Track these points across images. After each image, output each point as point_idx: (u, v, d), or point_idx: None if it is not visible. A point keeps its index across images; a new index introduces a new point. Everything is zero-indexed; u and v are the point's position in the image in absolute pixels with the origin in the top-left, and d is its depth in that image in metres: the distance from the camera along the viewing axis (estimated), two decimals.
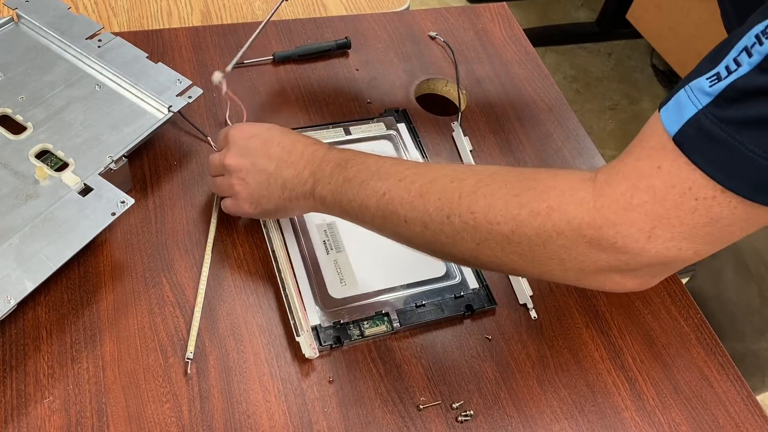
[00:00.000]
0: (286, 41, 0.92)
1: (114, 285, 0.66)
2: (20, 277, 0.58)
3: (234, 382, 0.61)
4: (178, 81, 0.74)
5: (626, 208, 0.46)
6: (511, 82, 0.93)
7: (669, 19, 2.01)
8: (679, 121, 0.44)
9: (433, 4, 2.35)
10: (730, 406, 0.66)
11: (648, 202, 0.45)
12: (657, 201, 0.45)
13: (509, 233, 0.50)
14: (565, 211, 0.48)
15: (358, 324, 0.66)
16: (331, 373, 0.63)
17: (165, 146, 0.77)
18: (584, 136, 0.88)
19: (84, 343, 0.62)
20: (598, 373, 0.67)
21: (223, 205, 0.68)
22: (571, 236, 0.48)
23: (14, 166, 0.66)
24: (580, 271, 0.50)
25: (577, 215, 0.47)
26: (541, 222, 0.49)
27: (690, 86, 0.45)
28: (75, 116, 0.71)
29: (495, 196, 0.51)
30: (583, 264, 0.49)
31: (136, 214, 0.71)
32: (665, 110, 0.46)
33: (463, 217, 0.52)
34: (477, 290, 0.70)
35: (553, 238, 0.49)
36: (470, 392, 0.64)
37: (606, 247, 0.47)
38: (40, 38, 0.77)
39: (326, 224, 0.73)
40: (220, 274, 0.68)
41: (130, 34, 0.87)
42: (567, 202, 0.48)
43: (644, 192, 0.46)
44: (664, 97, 0.47)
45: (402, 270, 0.70)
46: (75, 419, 0.58)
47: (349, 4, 1.05)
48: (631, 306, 0.72)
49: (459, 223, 0.52)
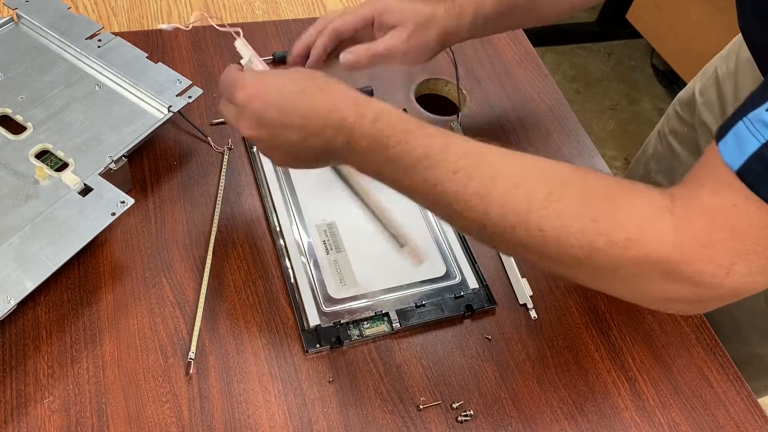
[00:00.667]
0: (286, 41, 0.92)
1: (114, 285, 0.66)
2: (20, 277, 0.58)
3: (234, 382, 0.61)
4: (178, 81, 0.74)
5: (705, 245, 0.45)
6: (511, 82, 0.93)
7: (669, 19, 2.02)
8: (742, 156, 0.44)
9: None
10: (730, 406, 0.66)
11: (727, 239, 0.45)
12: (736, 239, 0.45)
13: (582, 257, 0.48)
14: (644, 245, 0.46)
15: (358, 324, 0.66)
16: (331, 373, 0.63)
17: (165, 146, 0.77)
18: (584, 136, 0.88)
19: (84, 343, 0.62)
20: (598, 373, 0.67)
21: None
22: (647, 268, 0.47)
23: (14, 166, 0.66)
24: (648, 296, 0.49)
25: (655, 249, 0.46)
26: (618, 252, 0.47)
27: (748, 118, 0.44)
28: (75, 116, 0.71)
29: (569, 216, 0.48)
30: (653, 291, 0.48)
31: (136, 214, 0.71)
32: (723, 144, 0.45)
33: (531, 231, 0.49)
34: (477, 290, 0.70)
35: (627, 266, 0.47)
36: (470, 392, 0.64)
37: (682, 280, 0.47)
38: (40, 38, 0.77)
39: (326, 224, 0.73)
40: (220, 274, 0.68)
41: (130, 34, 0.88)
42: (646, 236, 0.47)
43: (722, 230, 0.45)
44: (663, 95, 0.47)
45: (402, 270, 0.70)
46: (75, 419, 0.58)
47: (349, 4, 1.05)
48: (631, 306, 0.72)
49: (525, 236, 0.49)
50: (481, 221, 0.50)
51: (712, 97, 0.83)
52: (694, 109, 0.86)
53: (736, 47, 0.81)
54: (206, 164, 0.77)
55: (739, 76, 0.79)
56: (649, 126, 2.13)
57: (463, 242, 0.74)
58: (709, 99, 0.84)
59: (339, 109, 0.53)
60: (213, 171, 0.76)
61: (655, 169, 0.95)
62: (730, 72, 0.81)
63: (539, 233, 0.48)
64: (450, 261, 0.72)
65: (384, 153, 0.52)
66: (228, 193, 0.74)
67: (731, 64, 0.81)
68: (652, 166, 0.95)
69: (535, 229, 0.48)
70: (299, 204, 0.74)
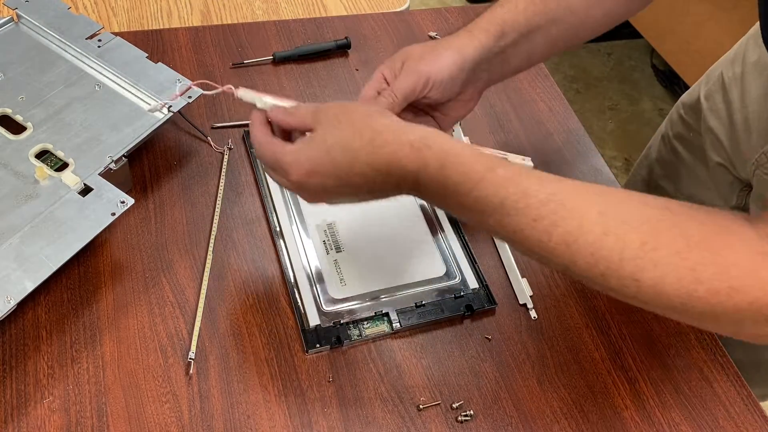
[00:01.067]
0: (286, 41, 0.92)
1: (114, 285, 0.66)
2: (20, 277, 0.58)
3: (234, 382, 0.61)
4: (178, 81, 0.74)
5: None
6: (511, 82, 0.93)
7: (669, 19, 2.01)
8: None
9: (433, 4, 2.35)
10: (730, 406, 0.66)
11: None
12: None
13: (679, 305, 0.47)
14: (748, 293, 0.46)
15: (358, 324, 0.66)
16: (331, 373, 0.63)
17: (165, 146, 0.77)
18: (584, 136, 0.88)
19: (84, 343, 0.62)
20: (598, 373, 0.67)
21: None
22: (750, 314, 0.46)
23: (14, 166, 0.66)
24: (748, 335, 0.49)
25: (760, 297, 0.46)
26: (721, 301, 0.46)
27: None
28: (75, 116, 0.71)
29: (666, 266, 0.46)
30: (754, 331, 0.48)
31: (136, 214, 0.71)
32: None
33: (624, 281, 0.47)
34: (477, 290, 0.70)
35: (729, 313, 0.47)
36: (470, 392, 0.64)
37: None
38: (40, 38, 0.77)
39: (326, 224, 0.73)
40: (220, 274, 0.68)
41: (130, 34, 0.88)
42: (751, 285, 0.46)
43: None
44: (663, 95, 0.47)
45: (402, 270, 0.70)
46: (75, 419, 0.58)
47: (349, 4, 1.05)
48: (630, 306, 0.72)
49: (617, 284, 0.48)
50: (567, 267, 0.49)
51: (718, 102, 0.82)
52: (699, 114, 0.85)
53: (742, 51, 0.80)
54: (206, 164, 0.77)
55: (746, 81, 0.77)
56: (649, 126, 2.13)
57: (463, 242, 0.74)
58: (715, 104, 0.82)
59: (398, 160, 0.51)
60: (213, 171, 0.76)
61: (659, 173, 0.94)
62: (736, 76, 0.79)
63: (634, 282, 0.47)
64: (450, 261, 0.72)
65: (456, 199, 0.50)
66: (228, 193, 0.74)
67: (737, 68, 0.79)
68: (657, 170, 0.95)
69: (629, 278, 0.47)
70: (299, 204, 0.74)
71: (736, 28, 0.67)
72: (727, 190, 0.82)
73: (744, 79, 0.78)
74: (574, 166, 0.85)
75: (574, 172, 0.84)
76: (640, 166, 1.00)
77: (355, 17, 0.98)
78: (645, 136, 2.17)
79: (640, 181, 0.98)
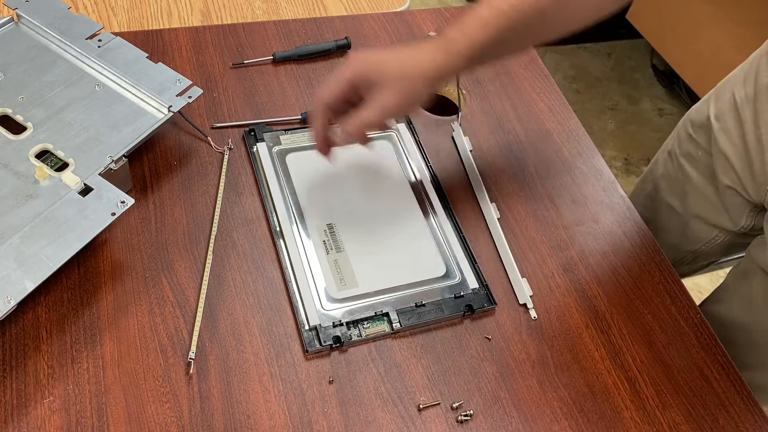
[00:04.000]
0: (286, 41, 0.92)
1: (114, 285, 0.66)
2: (20, 277, 0.58)
3: (234, 382, 0.61)
4: (178, 81, 0.74)
5: None
6: (511, 82, 0.93)
7: (669, 19, 2.02)
8: None
9: (433, 4, 2.35)
10: (730, 406, 0.66)
11: None
12: None
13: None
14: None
15: (358, 324, 0.66)
16: (331, 373, 0.63)
17: (165, 146, 0.78)
18: (584, 136, 0.88)
19: (84, 343, 0.62)
20: (598, 373, 0.67)
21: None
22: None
23: (14, 166, 0.66)
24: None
25: None
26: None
27: None
28: (75, 116, 0.71)
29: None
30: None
31: (136, 214, 0.71)
32: None
33: None
34: (477, 290, 0.70)
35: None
36: (470, 392, 0.64)
37: None
38: (40, 38, 0.77)
39: (326, 224, 0.73)
40: (220, 274, 0.68)
41: (130, 34, 0.87)
42: None
43: None
44: (663, 95, 0.47)
45: (402, 270, 0.70)
46: (75, 419, 0.58)
47: (349, 4, 1.05)
48: (631, 306, 0.72)
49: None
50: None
51: (729, 123, 0.81)
52: (710, 134, 0.84)
53: (754, 71, 0.79)
54: (206, 164, 0.77)
55: (759, 102, 0.76)
56: (649, 126, 2.13)
57: (463, 242, 0.74)
58: (726, 125, 0.81)
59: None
60: (213, 171, 0.76)
61: (665, 189, 0.93)
62: (748, 98, 0.78)
63: None
64: (450, 261, 0.72)
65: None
66: (228, 193, 0.74)
67: (749, 89, 0.78)
68: (663, 186, 0.93)
69: None
70: (299, 204, 0.74)
71: (737, 28, 0.67)
72: (737, 211, 0.81)
73: (757, 100, 0.77)
74: (574, 166, 0.85)
75: (574, 172, 0.84)
76: (644, 180, 0.99)
77: (355, 17, 0.98)
78: (645, 136, 2.18)
79: (646, 196, 0.97)
